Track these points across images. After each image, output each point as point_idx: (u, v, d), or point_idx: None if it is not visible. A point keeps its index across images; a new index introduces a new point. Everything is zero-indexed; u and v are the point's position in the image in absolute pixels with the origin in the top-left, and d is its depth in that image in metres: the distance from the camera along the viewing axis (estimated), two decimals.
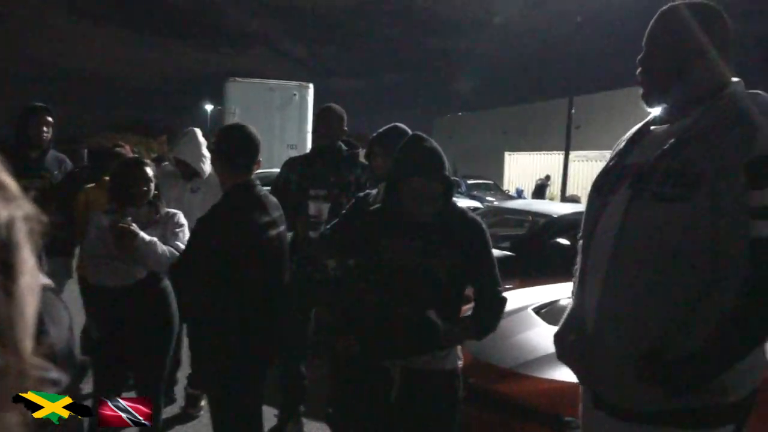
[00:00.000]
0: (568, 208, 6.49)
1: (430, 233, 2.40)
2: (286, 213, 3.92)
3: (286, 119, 14.64)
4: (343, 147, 3.94)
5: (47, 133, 4.38)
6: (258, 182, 2.80)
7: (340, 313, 2.57)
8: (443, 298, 2.39)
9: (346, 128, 3.98)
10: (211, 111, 46.14)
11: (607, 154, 2.06)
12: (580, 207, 7.41)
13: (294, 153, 14.37)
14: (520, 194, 24.65)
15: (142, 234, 3.00)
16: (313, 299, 3.77)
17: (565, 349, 1.96)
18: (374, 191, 3.05)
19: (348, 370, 2.59)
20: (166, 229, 3.19)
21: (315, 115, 4.03)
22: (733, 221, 1.53)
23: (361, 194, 2.90)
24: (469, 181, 22.09)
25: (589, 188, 2.01)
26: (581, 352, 1.85)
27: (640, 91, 1.83)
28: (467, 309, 2.63)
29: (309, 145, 15.03)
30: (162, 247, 3.04)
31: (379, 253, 2.41)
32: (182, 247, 3.02)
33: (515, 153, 29.82)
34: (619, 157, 1.89)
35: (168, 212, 3.27)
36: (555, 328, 2.03)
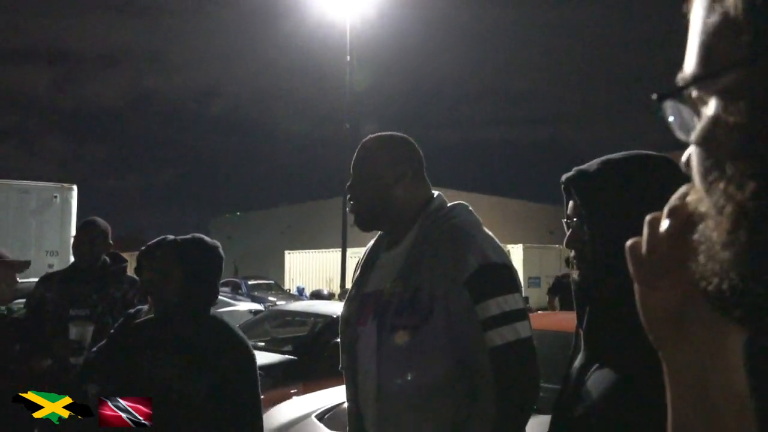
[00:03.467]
0: None
1: (192, 349, 2.23)
2: (43, 336, 3.51)
3: (45, 224, 13.36)
4: (108, 262, 3.68)
5: None
6: None
7: None
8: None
9: (111, 242, 3.74)
10: None
11: None
12: None
13: (55, 260, 13.12)
14: (301, 292, 24.83)
15: None
16: None
17: None
18: (146, 306, 2.88)
19: None
20: None
21: (76, 229, 3.73)
22: (471, 336, 1.64)
23: (132, 311, 2.73)
24: (250, 282, 21.82)
25: None
26: None
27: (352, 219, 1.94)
28: None
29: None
30: None
31: (136, 370, 2.24)
32: None
33: (295, 252, 30.23)
34: (358, 287, 1.95)
35: None
36: None
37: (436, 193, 1.92)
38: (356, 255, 25.70)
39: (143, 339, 2.35)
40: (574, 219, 1.32)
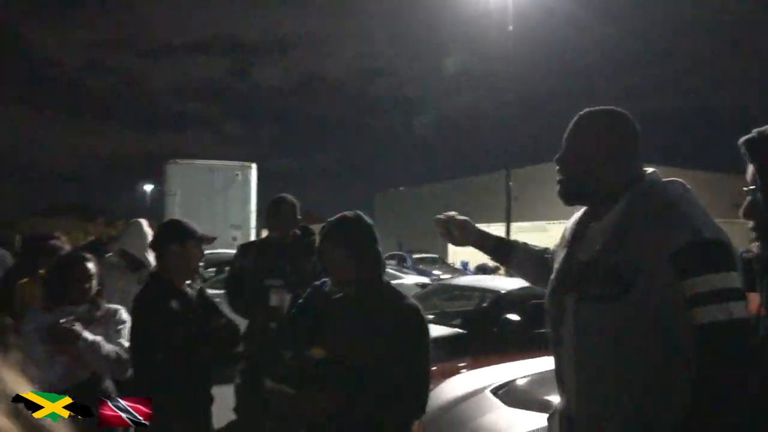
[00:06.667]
0: (515, 284, 6.57)
1: (366, 316, 2.32)
2: (242, 301, 3.84)
3: (229, 200, 14.54)
4: (299, 234, 3.89)
5: None
6: None
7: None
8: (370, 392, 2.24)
9: (299, 217, 3.95)
10: (151, 192, 45.46)
11: (545, 225, 2.12)
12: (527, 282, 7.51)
13: (238, 233, 14.26)
14: (465, 266, 24.88)
15: (86, 333, 2.83)
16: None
17: None
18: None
19: None
20: (108, 327, 3.02)
21: (268, 206, 3.99)
22: (673, 313, 1.57)
23: (318, 282, 2.84)
24: (415, 256, 22.21)
25: None
26: None
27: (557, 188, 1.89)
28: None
29: (253, 225, 14.99)
30: (107, 347, 2.87)
31: (316, 337, 2.36)
32: (126, 344, 2.90)
33: None
34: (564, 257, 1.93)
35: (109, 309, 3.11)
36: (514, 410, 2.00)
37: (650, 169, 1.83)
38: (519, 229, 25.35)
39: (324, 309, 2.44)
40: (752, 186, 1.18)
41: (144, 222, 4.24)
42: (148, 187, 48.03)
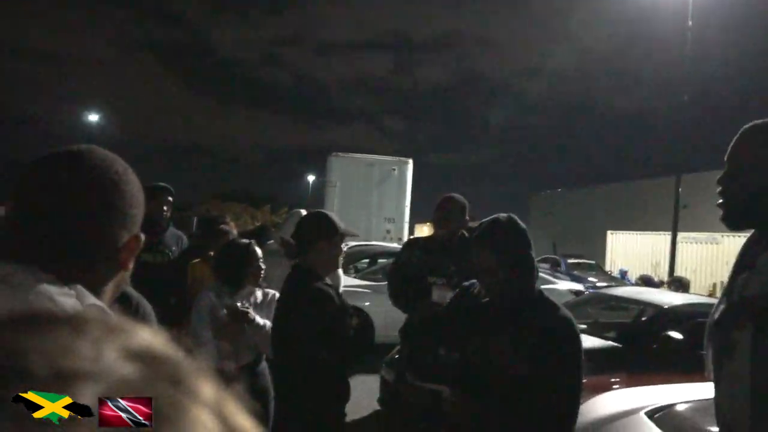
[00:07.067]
0: (679, 299, 6.09)
1: (518, 325, 2.25)
2: (404, 295, 3.93)
3: (384, 194, 14.89)
4: (465, 236, 3.87)
5: (167, 212, 4.60)
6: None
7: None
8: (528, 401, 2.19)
9: (467, 217, 3.92)
10: (313, 182, 47.70)
11: (717, 237, 1.96)
12: (693, 298, 6.95)
13: (392, 227, 14.61)
14: (623, 275, 23.56)
15: (258, 317, 3.02)
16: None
17: None
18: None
19: None
20: (270, 310, 3.20)
21: (437, 204, 4.02)
22: None
23: (467, 284, 2.81)
24: (570, 261, 21.38)
25: (697, 271, 1.91)
26: None
27: (720, 213, 1.74)
28: None
29: (407, 219, 15.28)
30: (269, 330, 3.04)
31: (467, 341, 2.34)
32: None
33: (618, 232, 28.74)
34: (734, 288, 1.77)
35: (268, 293, 3.29)
36: None
37: None
38: (686, 240, 23.58)
39: (475, 312, 2.41)
40: None
41: (304, 212, 4.43)
42: (311, 178, 50.47)
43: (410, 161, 15.36)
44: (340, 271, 3.91)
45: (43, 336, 0.28)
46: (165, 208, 4.58)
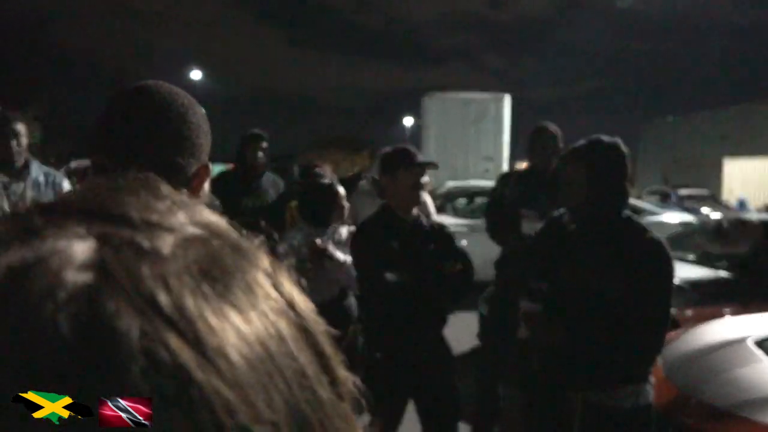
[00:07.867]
0: None
1: (607, 249, 2.24)
2: (499, 228, 3.94)
3: (482, 131, 14.60)
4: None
5: (263, 157, 4.78)
6: None
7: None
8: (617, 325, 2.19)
9: (561, 146, 3.82)
10: (411, 125, 47.56)
11: None
12: None
13: (490, 165, 14.34)
14: (742, 205, 22.13)
15: (337, 254, 3.13)
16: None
17: None
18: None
19: (535, 394, 2.51)
20: None
21: (529, 134, 3.93)
22: None
23: (556, 213, 2.75)
24: (681, 192, 20.29)
25: None
26: None
27: None
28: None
29: (506, 156, 14.93)
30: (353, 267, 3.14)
31: (558, 268, 2.35)
32: None
33: (736, 159, 26.87)
34: None
35: (353, 231, 3.38)
36: None
37: None
38: None
39: (563, 240, 2.40)
40: None
41: None
42: (408, 121, 50.32)
43: (507, 97, 14.91)
44: (429, 199, 3.93)
45: (132, 196, 0.33)
46: (261, 154, 4.75)
